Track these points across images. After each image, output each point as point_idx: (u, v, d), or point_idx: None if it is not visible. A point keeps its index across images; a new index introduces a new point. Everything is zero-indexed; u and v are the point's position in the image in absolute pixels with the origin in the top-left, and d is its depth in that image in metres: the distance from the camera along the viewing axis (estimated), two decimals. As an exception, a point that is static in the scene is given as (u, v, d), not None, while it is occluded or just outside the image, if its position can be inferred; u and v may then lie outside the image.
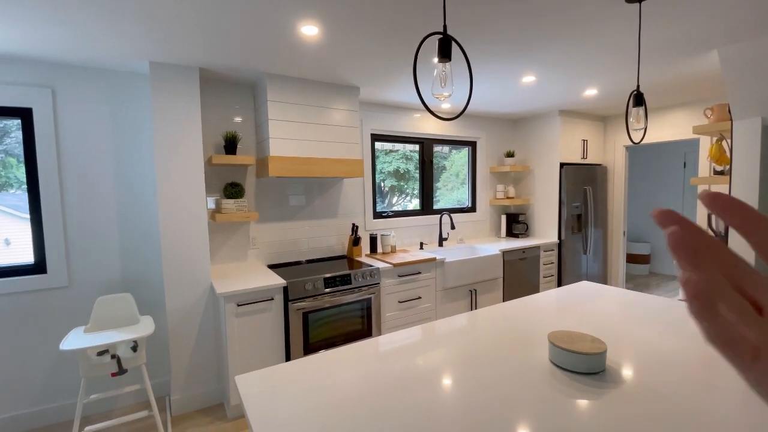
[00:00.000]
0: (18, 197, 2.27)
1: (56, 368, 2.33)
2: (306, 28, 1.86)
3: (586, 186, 4.13)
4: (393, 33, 1.95)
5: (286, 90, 2.57)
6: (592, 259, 4.24)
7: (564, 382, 1.04)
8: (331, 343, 2.57)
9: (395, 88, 2.96)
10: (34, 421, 2.28)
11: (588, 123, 4.21)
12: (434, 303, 3.10)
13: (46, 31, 1.81)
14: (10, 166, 2.27)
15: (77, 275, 2.36)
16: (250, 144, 2.83)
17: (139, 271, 2.52)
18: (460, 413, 0.91)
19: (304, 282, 2.45)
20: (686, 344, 1.26)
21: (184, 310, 2.39)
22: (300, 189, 3.06)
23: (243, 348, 2.29)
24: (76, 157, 2.33)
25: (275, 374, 1.12)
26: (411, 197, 3.87)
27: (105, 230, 2.42)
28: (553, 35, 2.02)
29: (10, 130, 2.24)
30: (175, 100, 2.31)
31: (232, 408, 2.33)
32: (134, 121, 2.47)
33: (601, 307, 1.68)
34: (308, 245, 3.12)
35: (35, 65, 2.20)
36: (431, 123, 3.77)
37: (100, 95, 2.37)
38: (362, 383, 1.06)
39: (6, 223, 2.25)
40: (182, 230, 2.36)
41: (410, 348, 1.29)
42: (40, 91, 2.21)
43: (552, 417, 0.88)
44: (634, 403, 0.93)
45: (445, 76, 1.05)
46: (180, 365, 2.39)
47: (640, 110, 1.75)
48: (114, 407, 2.48)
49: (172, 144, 2.31)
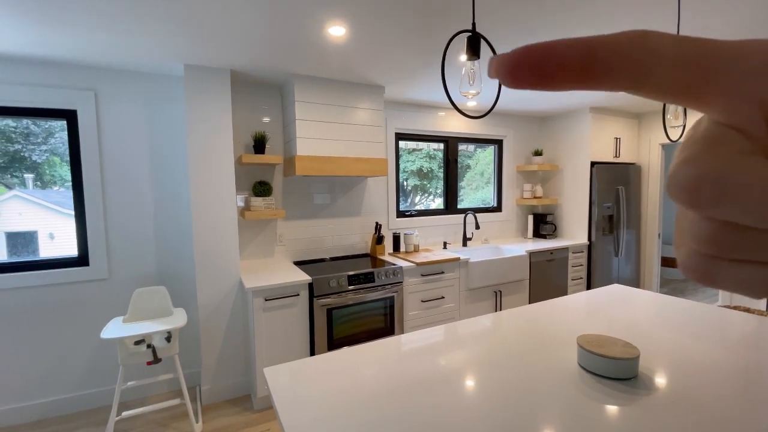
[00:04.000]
0: (61, 194, 2.42)
1: (96, 356, 2.47)
2: (333, 29, 1.89)
3: (619, 186, 3.98)
4: (419, 32, 1.95)
5: (313, 90, 2.62)
6: (624, 261, 4.08)
7: (593, 386, 1.01)
8: (355, 339, 2.60)
9: (420, 87, 2.95)
10: (75, 405, 2.43)
11: (621, 120, 4.06)
12: (458, 303, 3.08)
13: (91, 37, 1.92)
14: (54, 164, 2.41)
15: (116, 268, 2.49)
16: (278, 143, 2.89)
17: (172, 265, 2.63)
18: (484, 415, 0.90)
19: (328, 279, 2.49)
20: (724, 352, 1.20)
21: (215, 303, 2.48)
22: (324, 187, 3.11)
23: (269, 341, 2.35)
24: (116, 156, 2.46)
25: (302, 367, 1.15)
26: (434, 196, 3.84)
27: (142, 226, 2.54)
28: (583, 28, 1.96)
29: (54, 130, 2.39)
30: (208, 101, 2.39)
31: (258, 399, 2.40)
32: (169, 121, 2.58)
33: (633, 311, 1.62)
34: (332, 243, 3.16)
35: (80, 69, 2.34)
36: (456, 121, 3.73)
37: (138, 97, 2.49)
38: (386, 380, 1.07)
39: (50, 219, 2.40)
40: (213, 227, 2.45)
41: (433, 348, 1.29)
42: (84, 94, 2.34)
43: (580, 422, 0.86)
44: (667, 410, 0.89)
45: (474, 73, 1.04)
46: (210, 356, 2.48)
47: (678, 107, 1.67)
48: (148, 394, 2.60)
49: (204, 144, 2.40)
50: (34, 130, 2.35)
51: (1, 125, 2.27)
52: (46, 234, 2.39)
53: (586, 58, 0.13)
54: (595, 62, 0.13)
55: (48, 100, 2.26)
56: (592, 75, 0.13)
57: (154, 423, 2.29)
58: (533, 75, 0.13)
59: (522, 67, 0.13)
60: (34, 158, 2.36)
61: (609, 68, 0.13)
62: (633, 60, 0.13)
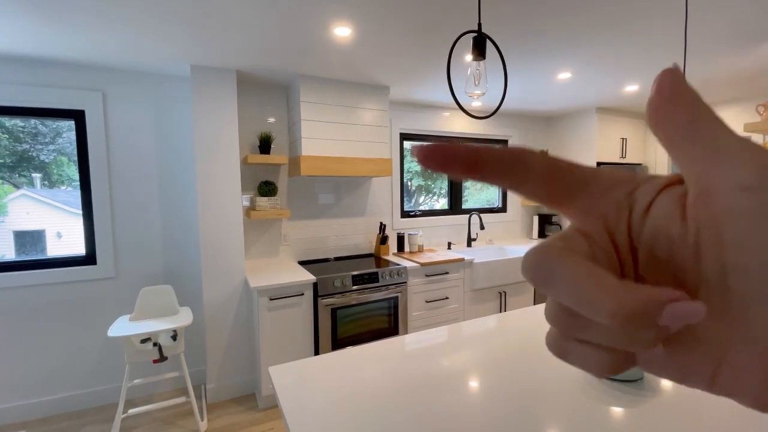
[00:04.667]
0: (68, 193, 2.44)
1: (103, 353, 2.50)
2: (339, 30, 1.90)
3: (624, 186, 3.95)
4: (425, 32, 1.95)
5: (318, 91, 2.62)
6: (629, 262, 4.04)
7: (599, 388, 1.01)
8: (358, 339, 2.60)
9: (425, 87, 2.95)
10: (82, 402, 2.45)
11: (628, 121, 4.03)
12: (462, 304, 3.07)
13: (99, 38, 1.94)
14: (62, 164, 2.44)
15: (123, 267, 2.51)
16: (283, 143, 2.90)
17: (179, 264, 2.65)
18: (489, 416, 0.90)
19: (333, 279, 2.50)
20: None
21: (220, 302, 2.49)
22: (329, 188, 3.12)
23: (274, 341, 2.36)
24: (123, 156, 2.48)
25: (307, 367, 1.15)
26: (438, 197, 3.84)
27: (149, 226, 2.56)
28: (591, 30, 1.95)
29: (62, 130, 2.41)
30: (214, 101, 2.41)
31: (263, 398, 2.41)
32: (176, 122, 2.59)
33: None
34: (337, 243, 3.17)
35: (88, 70, 2.36)
36: (461, 122, 3.73)
37: (145, 98, 2.51)
38: (390, 380, 1.07)
39: (58, 218, 2.43)
40: (219, 227, 2.46)
41: (438, 348, 1.29)
42: (92, 94, 2.37)
43: (586, 424, 0.86)
44: (673, 412, 0.89)
45: (479, 74, 1.04)
46: (215, 355, 2.50)
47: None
48: (154, 392, 2.62)
49: (210, 144, 2.41)
50: (42, 130, 2.38)
51: (10, 125, 2.29)
52: (53, 233, 2.42)
53: (477, 161, 0.16)
54: (485, 165, 0.16)
55: (56, 101, 2.29)
56: (480, 172, 0.17)
57: (159, 421, 2.31)
58: (438, 165, 0.17)
59: (431, 158, 0.16)
60: (42, 158, 2.38)
61: (494, 172, 0.16)
62: (512, 169, 0.16)
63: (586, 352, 0.16)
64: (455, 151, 0.16)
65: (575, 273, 0.14)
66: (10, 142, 2.30)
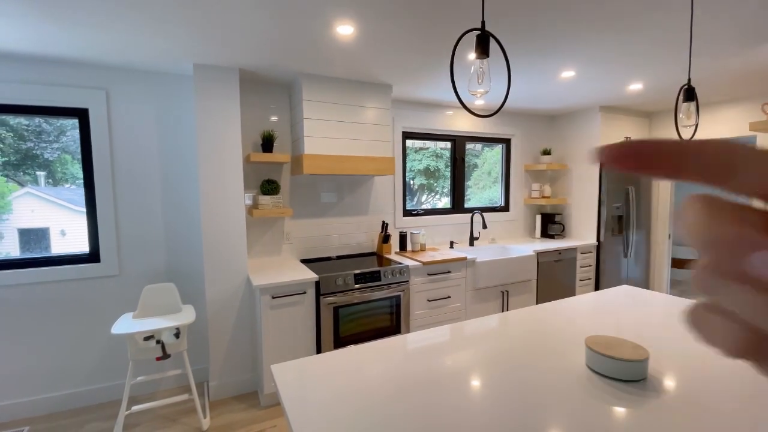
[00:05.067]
0: (72, 191, 2.46)
1: (106, 351, 2.51)
2: (341, 28, 1.89)
3: (629, 186, 3.94)
4: (427, 31, 1.94)
5: (321, 89, 2.62)
6: (633, 262, 4.03)
7: (601, 388, 1.00)
8: (360, 338, 2.60)
9: (428, 86, 2.94)
10: (86, 399, 2.47)
11: (631, 119, 4.01)
12: (464, 303, 3.07)
13: (103, 37, 1.95)
14: (66, 162, 2.45)
15: (127, 265, 2.52)
16: (286, 142, 2.90)
17: (181, 262, 2.66)
18: (491, 415, 0.90)
19: (335, 277, 2.50)
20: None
21: (222, 300, 2.50)
22: (332, 186, 3.12)
23: (277, 339, 2.37)
24: (126, 154, 2.49)
25: (309, 365, 1.16)
26: (440, 195, 3.83)
27: (152, 223, 2.57)
28: (595, 28, 1.93)
29: (66, 129, 2.42)
30: (217, 100, 2.41)
31: (265, 396, 2.41)
32: (179, 120, 2.60)
33: (643, 313, 1.60)
34: (339, 241, 3.17)
35: (92, 68, 2.37)
36: (464, 120, 3.72)
37: (148, 96, 2.51)
38: (392, 378, 1.07)
39: (62, 216, 2.44)
40: (222, 225, 2.47)
41: (440, 347, 1.29)
42: (95, 93, 2.37)
43: (588, 424, 0.86)
44: (675, 414, 0.88)
45: (483, 72, 1.03)
46: (218, 353, 2.51)
47: (691, 105, 1.65)
48: (157, 389, 2.64)
49: (213, 142, 2.41)
50: (46, 128, 2.39)
51: (14, 123, 2.31)
52: (57, 230, 2.43)
53: (682, 158, 0.15)
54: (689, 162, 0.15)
55: (60, 99, 2.30)
56: (685, 172, 0.15)
57: (162, 418, 2.32)
58: (635, 164, 0.15)
59: (627, 156, 0.15)
60: (46, 156, 2.40)
61: (700, 168, 0.15)
62: (722, 162, 0.15)
63: (724, 324, 0.15)
64: (657, 148, 0.14)
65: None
66: (15, 141, 2.32)
